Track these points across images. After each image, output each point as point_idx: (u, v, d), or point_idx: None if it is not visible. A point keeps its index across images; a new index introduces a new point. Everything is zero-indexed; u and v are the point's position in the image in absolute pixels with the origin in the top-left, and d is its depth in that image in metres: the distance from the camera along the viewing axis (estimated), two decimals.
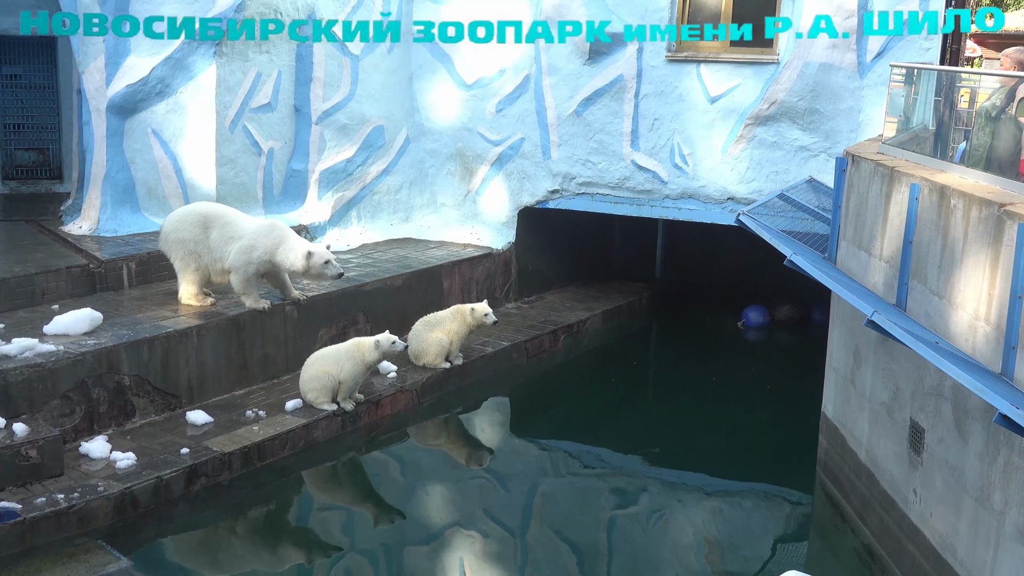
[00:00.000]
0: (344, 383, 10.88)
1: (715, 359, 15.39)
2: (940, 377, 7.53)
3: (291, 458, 10.31)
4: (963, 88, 8.94)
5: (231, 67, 13.47)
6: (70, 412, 9.54)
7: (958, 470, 7.33)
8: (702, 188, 14.56)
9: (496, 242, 15.70)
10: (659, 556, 9.29)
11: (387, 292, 13.25)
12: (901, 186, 8.49)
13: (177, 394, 10.55)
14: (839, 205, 10.34)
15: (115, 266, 11.88)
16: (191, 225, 11.28)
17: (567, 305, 16.29)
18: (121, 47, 13.10)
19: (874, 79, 13.43)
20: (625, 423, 12.75)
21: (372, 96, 15.18)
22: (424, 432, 11.98)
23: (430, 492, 10.51)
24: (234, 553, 8.96)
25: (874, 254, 9.13)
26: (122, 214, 13.25)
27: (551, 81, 15.05)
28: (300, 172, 14.70)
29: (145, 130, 13.29)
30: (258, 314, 11.41)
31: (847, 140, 13.50)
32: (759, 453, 11.71)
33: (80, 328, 10.08)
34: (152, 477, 9.03)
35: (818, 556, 9.43)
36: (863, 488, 9.27)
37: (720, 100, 14.23)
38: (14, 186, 16.32)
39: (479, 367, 13.19)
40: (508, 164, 15.64)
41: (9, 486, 8.52)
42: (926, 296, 7.93)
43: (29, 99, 16.37)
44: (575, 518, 9.91)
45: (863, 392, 9.40)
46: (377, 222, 15.62)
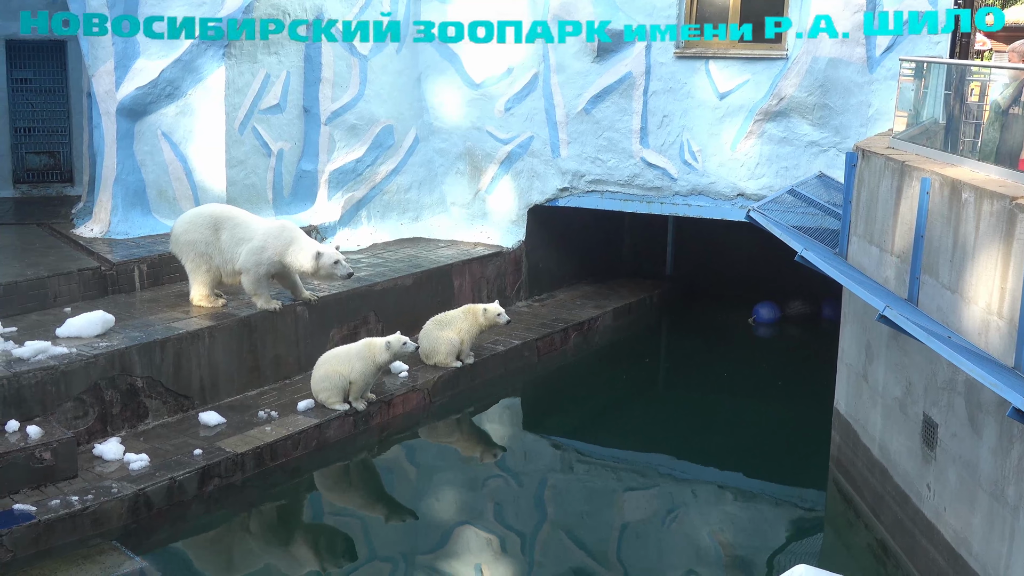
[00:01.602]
0: (355, 383, 10.89)
1: (726, 356, 15.37)
2: (953, 372, 7.51)
3: (303, 458, 10.33)
4: (973, 81, 8.91)
5: (240, 68, 13.50)
6: (83, 414, 9.57)
7: (972, 465, 7.31)
8: (712, 185, 14.53)
9: (506, 241, 15.70)
10: (672, 553, 9.30)
11: (398, 292, 13.27)
12: (912, 180, 8.47)
13: (189, 395, 10.58)
14: (850, 200, 10.31)
15: (127, 268, 11.91)
16: (202, 227, 11.31)
17: (578, 303, 16.28)
18: (130, 50, 13.14)
19: (884, 73, 13.39)
20: (637, 420, 12.75)
21: (381, 96, 15.19)
22: (436, 431, 12.00)
23: (442, 491, 10.52)
24: (248, 553, 8.98)
25: (885, 249, 9.10)
26: (133, 216, 13.30)
27: (559, 79, 15.03)
28: (310, 173, 14.72)
29: (155, 132, 13.33)
30: (269, 315, 11.43)
31: (857, 135, 13.46)
32: (771, 449, 11.70)
33: (92, 330, 10.12)
34: (165, 478, 9.06)
35: (832, 552, 9.41)
36: (876, 483, 9.25)
37: (729, 96, 14.20)
38: (25, 189, 16.39)
39: (490, 366, 13.19)
40: (517, 163, 15.64)
41: (23, 488, 8.56)
42: (938, 291, 7.91)
43: (39, 103, 16.43)
44: (588, 515, 9.91)
45: (875, 387, 9.38)
46: (387, 222, 15.64)
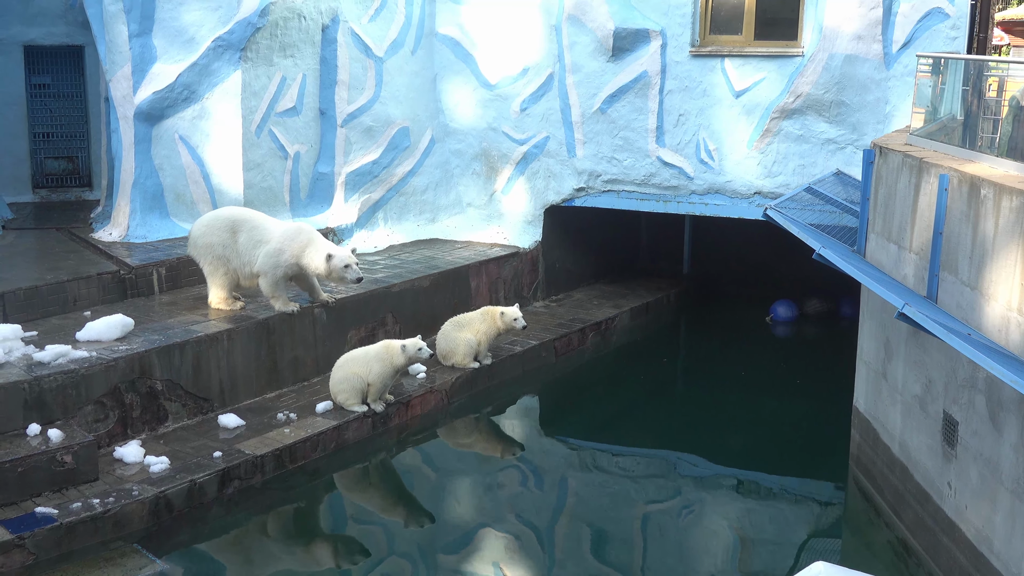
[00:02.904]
0: (373, 385, 10.91)
1: (744, 354, 15.33)
2: (973, 369, 7.47)
3: (322, 460, 10.36)
4: (991, 77, 8.86)
5: (256, 72, 13.55)
6: (104, 417, 9.63)
7: (993, 462, 7.26)
8: (728, 183, 14.50)
9: (522, 241, 15.70)
10: (692, 552, 9.27)
11: (415, 293, 13.29)
12: (930, 177, 8.42)
13: (209, 398, 10.62)
14: (867, 197, 10.27)
15: (145, 272, 11.97)
16: (219, 230, 11.35)
17: (595, 303, 16.27)
18: (147, 54, 13.20)
19: (900, 70, 13.33)
20: (655, 420, 12.72)
21: (396, 98, 15.22)
22: (454, 432, 12.01)
23: (461, 492, 10.53)
24: (268, 555, 9.01)
25: (904, 246, 9.06)
26: (151, 220, 13.36)
27: (575, 79, 15.02)
28: (326, 175, 14.76)
29: (172, 136, 13.39)
30: (287, 317, 11.47)
31: (874, 132, 13.41)
32: (790, 448, 11.66)
33: (112, 334, 10.17)
34: (186, 481, 9.10)
35: (853, 550, 9.37)
36: (897, 482, 9.21)
37: (745, 94, 14.16)
38: (44, 194, 16.50)
39: (508, 366, 13.19)
40: (533, 163, 15.63)
41: (45, 491, 8.61)
42: (957, 287, 7.87)
43: (58, 108, 16.55)
44: (607, 515, 9.90)
45: (895, 385, 9.33)
46: (404, 223, 15.66)
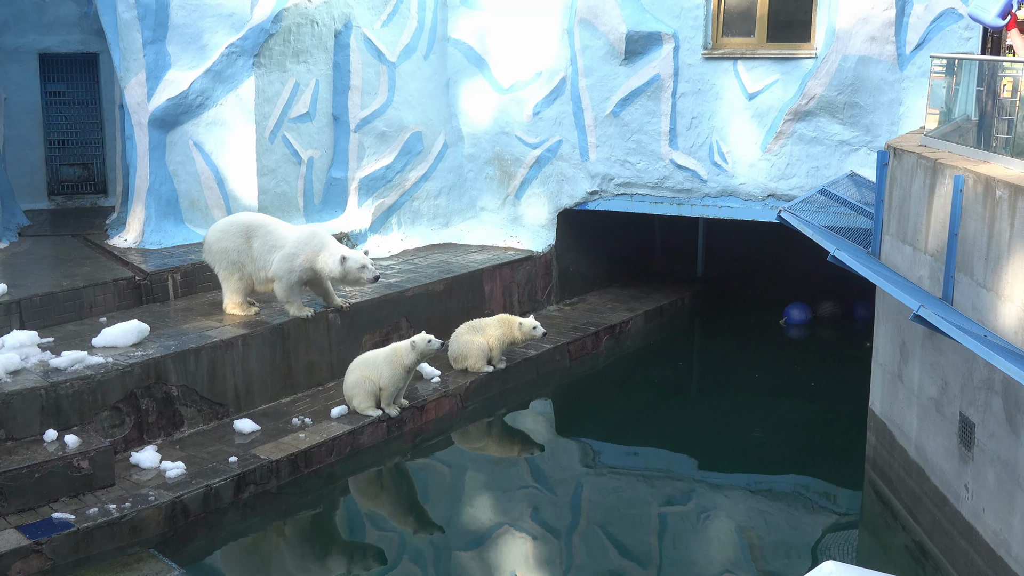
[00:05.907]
0: (385, 388, 10.92)
1: (758, 357, 15.28)
2: (990, 371, 7.43)
3: (337, 464, 10.38)
4: (1006, 77, 8.81)
5: (269, 78, 13.60)
6: (120, 423, 9.67)
7: (1010, 464, 7.22)
8: (742, 186, 14.47)
9: (536, 245, 15.70)
10: (708, 554, 9.25)
11: (429, 297, 13.30)
12: (945, 178, 8.39)
13: (224, 403, 10.65)
14: (881, 199, 10.23)
15: (160, 278, 12.02)
16: (234, 235, 11.39)
17: (608, 306, 16.26)
18: (161, 61, 13.26)
19: (914, 71, 13.28)
20: (670, 423, 12.70)
21: (409, 103, 15.25)
22: (468, 436, 12.01)
23: (476, 496, 10.54)
24: (283, 560, 9.03)
25: (919, 248, 9.03)
26: (166, 226, 13.42)
27: (587, 82, 15.02)
28: (340, 180, 14.79)
29: (187, 143, 13.45)
30: (302, 322, 11.50)
31: (888, 133, 13.36)
32: (806, 451, 11.62)
33: (128, 340, 10.21)
34: (201, 486, 9.13)
35: (869, 553, 9.34)
36: (913, 484, 9.17)
37: (758, 96, 14.14)
38: (60, 201, 16.60)
39: (522, 370, 13.19)
40: (546, 167, 15.64)
41: (62, 497, 8.65)
42: (973, 289, 7.83)
43: (73, 115, 16.65)
44: (622, 518, 9.88)
45: (911, 387, 9.30)
46: (417, 228, 15.69)
